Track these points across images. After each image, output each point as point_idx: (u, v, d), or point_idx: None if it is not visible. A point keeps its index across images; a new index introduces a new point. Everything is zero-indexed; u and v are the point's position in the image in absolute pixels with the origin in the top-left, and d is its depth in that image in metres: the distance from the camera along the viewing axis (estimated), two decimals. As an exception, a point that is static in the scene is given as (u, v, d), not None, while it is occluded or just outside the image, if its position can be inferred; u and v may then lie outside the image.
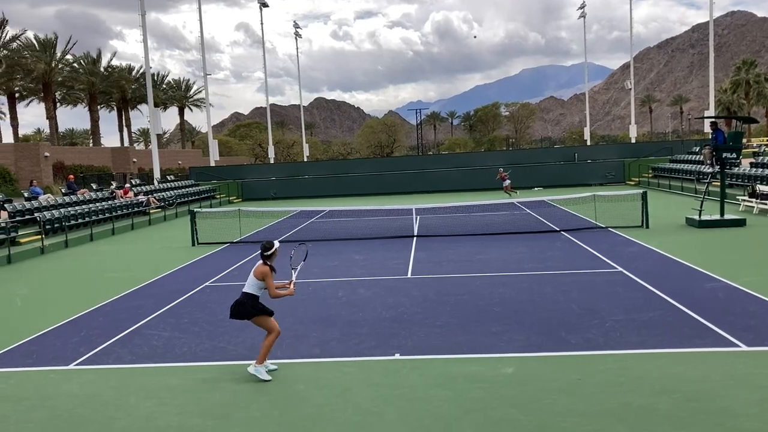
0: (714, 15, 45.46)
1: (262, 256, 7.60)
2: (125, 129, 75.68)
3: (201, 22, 47.22)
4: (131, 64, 75.09)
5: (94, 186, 33.06)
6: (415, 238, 19.22)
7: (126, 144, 73.73)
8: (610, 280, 12.11)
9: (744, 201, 22.23)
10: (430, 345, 8.59)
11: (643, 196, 19.54)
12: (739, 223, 18.52)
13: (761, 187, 21.90)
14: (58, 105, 68.07)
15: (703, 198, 19.31)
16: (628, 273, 12.62)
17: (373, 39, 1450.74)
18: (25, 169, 42.81)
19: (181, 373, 7.97)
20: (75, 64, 65.52)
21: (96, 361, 8.63)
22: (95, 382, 7.80)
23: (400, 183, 41.87)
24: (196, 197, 37.59)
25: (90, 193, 29.55)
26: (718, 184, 20.07)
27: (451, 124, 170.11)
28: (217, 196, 40.74)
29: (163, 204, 32.31)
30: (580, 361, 7.67)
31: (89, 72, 65.99)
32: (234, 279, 13.92)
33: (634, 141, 58.19)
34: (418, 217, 24.65)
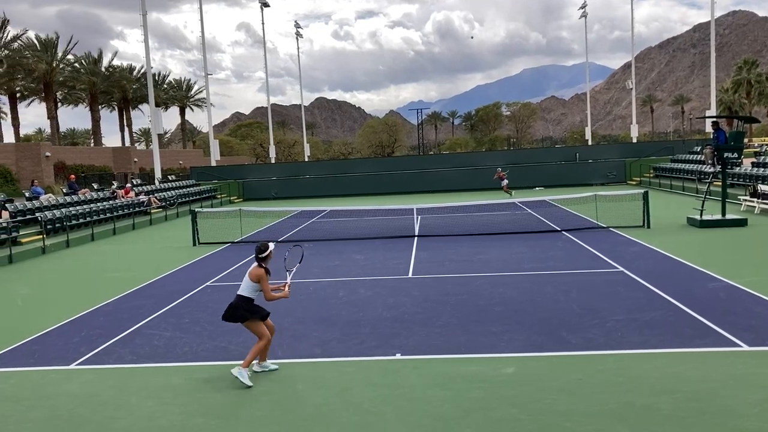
0: (715, 15, 45.52)
1: (257, 259, 7.54)
2: (126, 129, 75.79)
3: (202, 21, 47.28)
4: (132, 64, 75.27)
5: (96, 186, 33.11)
6: (416, 238, 19.22)
7: (127, 144, 73.81)
8: (611, 280, 12.10)
9: (745, 201, 22.21)
10: (430, 345, 8.59)
11: (645, 196, 19.53)
12: (741, 222, 18.50)
13: (762, 187, 21.87)
14: (59, 105, 68.14)
15: (705, 198, 19.30)
16: (629, 273, 12.61)
17: (374, 39, 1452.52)
18: (27, 169, 42.87)
19: (182, 372, 7.97)
20: (76, 64, 65.64)
21: (97, 361, 8.64)
22: (96, 382, 7.80)
23: (401, 183, 41.86)
24: (197, 197, 37.60)
25: (91, 193, 29.58)
26: (720, 183, 20.05)
27: (452, 124, 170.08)
28: (218, 196, 40.76)
29: (164, 204, 32.32)
30: (580, 361, 7.66)
31: (90, 72, 66.07)
32: (235, 279, 13.91)
33: (635, 141, 58.19)
34: (419, 217, 24.65)
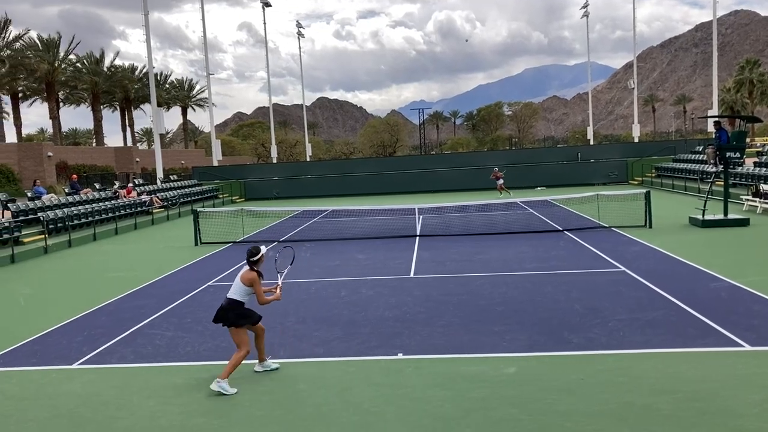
0: (717, 14, 45.43)
1: (248, 262, 7.42)
2: (128, 129, 75.89)
3: (204, 21, 47.34)
4: (134, 64, 75.35)
5: (97, 186, 33.17)
6: (417, 238, 19.21)
7: (129, 144, 73.91)
8: (613, 280, 12.09)
9: (747, 200, 22.17)
10: (432, 345, 8.59)
11: (647, 196, 19.50)
12: (743, 222, 18.47)
13: (765, 187, 21.83)
14: (61, 105, 68.25)
15: (707, 197, 19.28)
16: (631, 273, 12.60)
17: (375, 38, 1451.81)
18: (29, 168, 42.95)
19: (184, 372, 7.98)
20: (78, 64, 65.77)
21: (99, 361, 8.65)
22: (98, 382, 7.81)
23: (402, 183, 41.85)
24: (199, 197, 37.62)
25: (93, 192, 29.62)
26: (722, 183, 20.03)
27: (454, 123, 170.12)
28: (220, 196, 40.78)
29: (166, 204, 32.36)
30: (582, 361, 7.66)
31: (92, 72, 66.18)
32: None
33: (637, 140, 58.15)
34: (421, 216, 24.65)
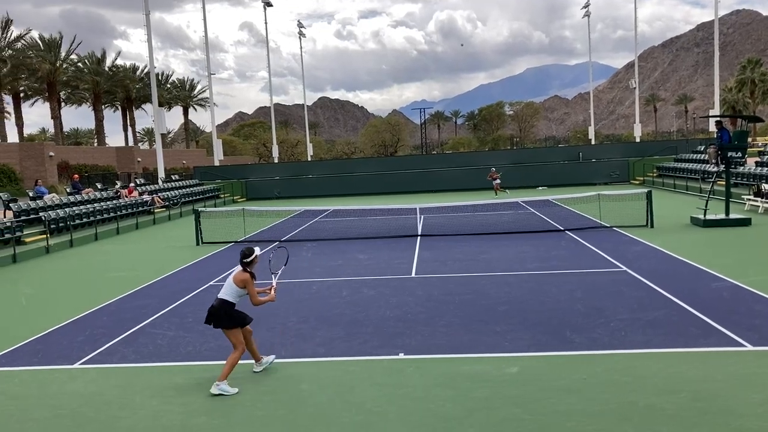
0: (719, 13, 45.40)
1: (241, 263, 7.38)
2: (129, 128, 75.95)
3: (205, 21, 47.38)
4: (135, 64, 75.38)
5: (99, 185, 33.17)
6: (419, 238, 19.21)
7: (130, 143, 73.98)
8: (614, 280, 12.08)
9: (749, 200, 22.14)
10: (434, 344, 8.58)
11: (648, 196, 19.49)
12: (745, 222, 18.45)
13: (766, 186, 21.81)
14: (62, 105, 68.31)
15: (708, 197, 19.26)
16: (632, 272, 12.59)
17: (377, 38, 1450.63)
18: (30, 168, 42.99)
19: (185, 372, 7.98)
20: (80, 64, 65.83)
21: (100, 360, 8.65)
22: (99, 381, 7.82)
23: (404, 182, 41.84)
24: (201, 197, 37.65)
25: (95, 192, 29.64)
26: (723, 183, 20.00)
27: (455, 123, 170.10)
28: (222, 196, 40.80)
29: (167, 203, 32.38)
30: (584, 361, 7.65)
31: (94, 72, 66.23)
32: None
33: (638, 140, 58.09)
34: (422, 216, 24.64)
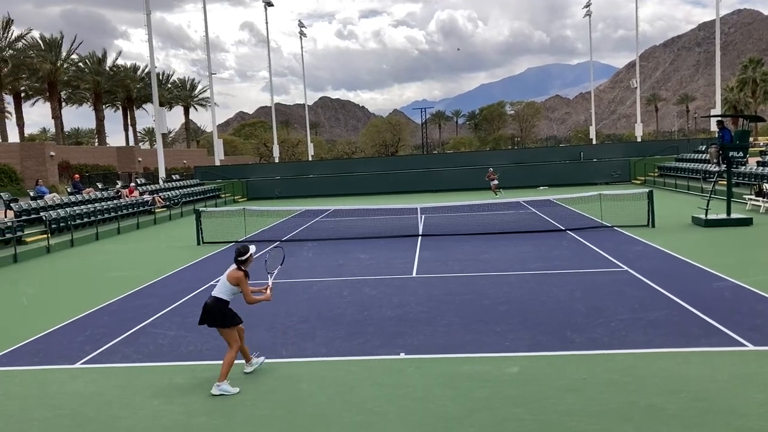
0: (720, 13, 45.28)
1: (236, 261, 7.36)
2: (130, 128, 75.99)
3: (206, 21, 47.36)
4: (136, 64, 75.59)
5: (100, 185, 33.17)
6: (420, 238, 19.20)
7: (131, 143, 74.01)
8: (615, 280, 12.07)
9: (751, 200, 22.13)
10: (434, 344, 8.58)
11: (649, 195, 19.48)
12: (746, 222, 18.43)
13: (768, 186, 21.80)
14: (63, 104, 68.35)
15: (710, 197, 19.24)
16: (633, 272, 12.58)
17: (377, 38, 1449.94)
18: (31, 168, 43.02)
19: (186, 371, 7.98)
20: (80, 64, 65.85)
21: (101, 360, 8.65)
22: (100, 381, 7.81)
23: (404, 182, 41.84)
24: (201, 196, 37.65)
25: (95, 192, 29.65)
26: (725, 183, 19.98)
27: (456, 123, 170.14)
28: (222, 196, 40.81)
29: (168, 203, 32.39)
30: (585, 361, 7.64)
31: (94, 71, 66.27)
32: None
33: (639, 140, 58.05)
34: (423, 216, 24.62)
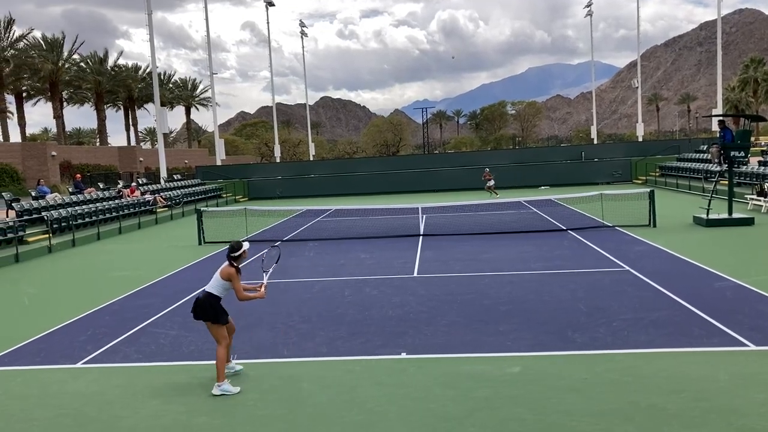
0: (722, 13, 45.23)
1: (228, 257, 7.37)
2: (132, 128, 76.04)
3: (207, 21, 47.35)
4: (138, 64, 75.74)
5: (101, 185, 33.20)
6: (421, 237, 19.20)
7: (133, 143, 74.08)
8: (617, 279, 12.06)
9: (752, 200, 22.11)
10: (436, 344, 8.57)
11: (651, 195, 19.46)
12: (747, 221, 18.41)
13: (769, 186, 21.76)
14: (65, 104, 68.42)
15: (711, 197, 19.21)
16: (635, 272, 12.56)
17: (378, 38, 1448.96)
18: (33, 168, 43.08)
19: (187, 371, 7.97)
20: (82, 64, 65.90)
21: (103, 360, 8.65)
22: (102, 381, 7.82)
23: (406, 182, 41.83)
24: (203, 196, 37.67)
25: (97, 192, 29.67)
26: (726, 182, 19.96)
27: (457, 122, 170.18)
28: (224, 195, 40.82)
29: (169, 203, 32.40)
30: (587, 361, 7.63)
31: (96, 71, 66.32)
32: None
33: (641, 139, 57.96)
34: (424, 216, 24.62)
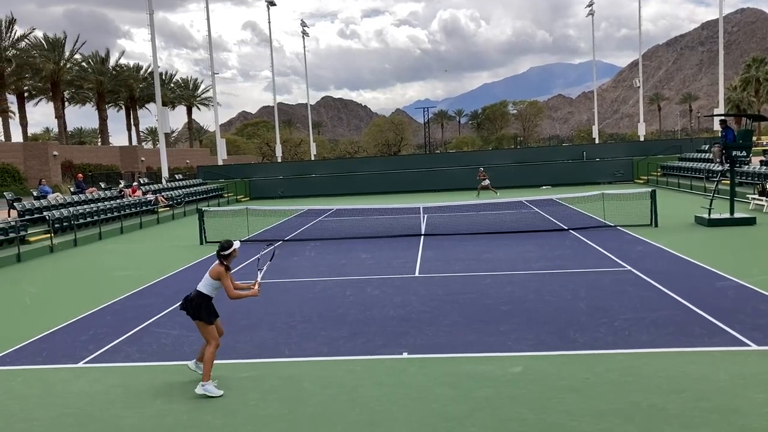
0: (723, 12, 45.19)
1: (218, 256, 7.34)
2: (133, 128, 76.11)
3: (209, 20, 47.36)
4: (139, 63, 75.78)
5: (103, 185, 33.23)
6: (422, 237, 19.20)
7: (134, 143, 74.11)
8: (618, 279, 12.06)
9: (754, 199, 22.08)
10: (437, 344, 8.58)
11: (652, 195, 19.45)
12: (749, 221, 18.39)
13: (771, 186, 21.73)
14: (66, 104, 68.52)
15: (713, 196, 19.19)
16: (636, 272, 12.56)
17: (380, 37, 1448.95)
18: (34, 168, 43.12)
19: (189, 371, 7.98)
20: (83, 64, 65.96)
21: (105, 360, 8.67)
22: (104, 380, 7.83)
23: (407, 182, 41.83)
24: (204, 196, 37.68)
25: (98, 192, 29.69)
26: (728, 182, 19.94)
27: (459, 122, 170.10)
28: (225, 195, 40.83)
29: (171, 203, 32.42)
30: (588, 360, 7.63)
31: (97, 71, 66.37)
32: (241, 278, 13.88)
33: (642, 139, 57.90)
34: (426, 215, 24.60)
